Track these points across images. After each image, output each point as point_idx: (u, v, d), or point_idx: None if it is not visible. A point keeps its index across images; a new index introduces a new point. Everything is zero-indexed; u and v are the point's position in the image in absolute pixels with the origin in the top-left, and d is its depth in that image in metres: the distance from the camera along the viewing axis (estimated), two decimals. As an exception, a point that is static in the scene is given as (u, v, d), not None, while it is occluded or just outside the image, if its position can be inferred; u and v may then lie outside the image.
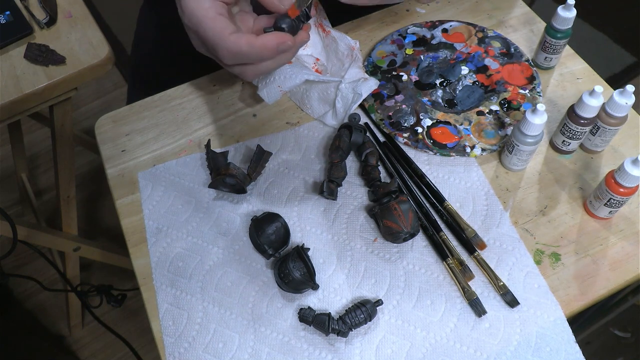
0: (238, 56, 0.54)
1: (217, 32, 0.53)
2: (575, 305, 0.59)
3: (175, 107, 0.73)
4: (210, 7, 0.54)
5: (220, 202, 0.66)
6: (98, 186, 1.69)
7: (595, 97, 0.61)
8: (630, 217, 0.65)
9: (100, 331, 1.40)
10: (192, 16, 0.55)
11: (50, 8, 0.83)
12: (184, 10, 0.56)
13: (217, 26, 0.54)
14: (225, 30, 0.53)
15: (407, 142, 0.69)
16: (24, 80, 0.77)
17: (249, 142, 0.70)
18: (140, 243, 0.63)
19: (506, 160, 0.67)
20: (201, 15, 0.54)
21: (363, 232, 0.63)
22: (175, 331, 0.58)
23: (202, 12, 0.54)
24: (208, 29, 0.54)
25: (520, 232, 0.63)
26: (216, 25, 0.54)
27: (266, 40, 0.53)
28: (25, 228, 1.04)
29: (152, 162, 0.69)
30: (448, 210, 0.64)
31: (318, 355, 0.57)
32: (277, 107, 0.73)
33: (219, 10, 0.55)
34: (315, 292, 0.60)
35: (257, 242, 0.61)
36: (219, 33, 0.53)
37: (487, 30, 0.78)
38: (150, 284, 0.61)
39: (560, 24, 0.70)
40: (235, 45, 0.53)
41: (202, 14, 0.54)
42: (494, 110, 0.71)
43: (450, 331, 0.58)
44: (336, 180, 0.64)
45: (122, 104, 0.75)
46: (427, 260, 0.61)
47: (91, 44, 0.81)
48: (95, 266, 1.54)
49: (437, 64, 0.76)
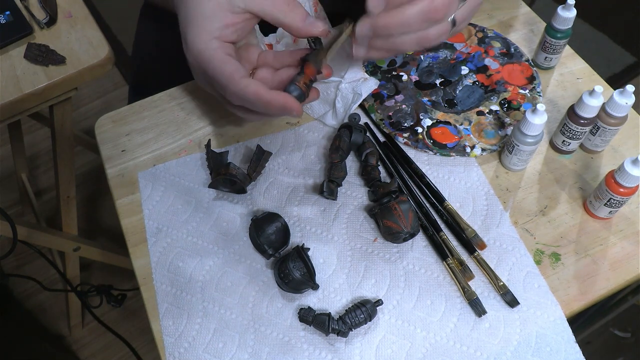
0: (243, 101, 0.54)
1: (226, 75, 0.53)
2: (575, 305, 0.59)
3: (175, 107, 0.73)
4: (218, 48, 0.54)
5: (220, 202, 0.66)
6: (98, 186, 1.69)
7: (595, 97, 0.61)
8: (630, 217, 0.65)
9: (100, 331, 1.40)
10: (199, 57, 0.54)
11: (50, 8, 0.83)
12: (189, 49, 0.55)
13: (227, 69, 0.53)
14: (236, 74, 0.53)
15: (407, 142, 0.69)
16: (24, 80, 0.77)
17: (249, 142, 0.70)
18: (140, 243, 0.63)
19: (506, 160, 0.67)
20: (209, 56, 0.53)
21: (363, 232, 0.63)
22: (175, 331, 0.58)
23: (210, 53, 0.53)
24: (217, 70, 0.53)
25: (520, 232, 0.63)
26: (226, 68, 0.53)
27: (273, 98, 0.52)
28: (25, 228, 1.04)
29: (152, 162, 0.69)
30: (448, 210, 0.64)
31: (318, 355, 0.57)
32: (277, 107, 0.73)
33: (227, 51, 0.54)
34: (315, 292, 0.60)
35: (257, 242, 0.61)
36: (228, 76, 0.53)
37: (487, 30, 0.78)
38: (150, 284, 0.61)
39: (560, 24, 0.70)
40: (242, 92, 0.52)
41: (210, 54, 0.53)
42: (494, 110, 0.71)
43: (450, 331, 0.58)
44: (336, 180, 0.64)
45: (122, 104, 0.75)
46: (427, 260, 0.61)
47: (91, 44, 0.81)
48: (95, 266, 1.54)
49: (437, 64, 0.76)
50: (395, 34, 0.53)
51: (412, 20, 0.51)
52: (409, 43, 0.54)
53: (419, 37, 0.53)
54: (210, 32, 0.54)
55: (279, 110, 0.53)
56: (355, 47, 0.55)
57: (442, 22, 0.53)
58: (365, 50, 0.55)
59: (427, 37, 0.53)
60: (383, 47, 0.55)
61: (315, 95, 0.58)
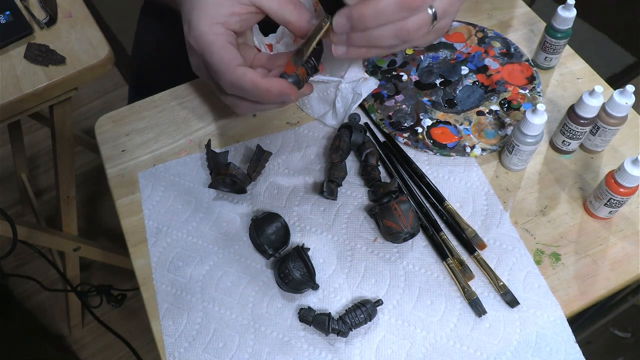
0: (239, 90, 0.53)
1: (224, 61, 0.53)
2: (575, 305, 0.59)
3: (175, 107, 0.73)
4: (221, 34, 0.54)
5: (220, 202, 0.66)
6: (98, 186, 1.69)
7: (595, 97, 0.61)
8: (630, 217, 0.65)
9: (100, 331, 1.40)
10: (200, 39, 0.54)
11: (50, 8, 0.83)
12: (191, 30, 0.55)
13: (226, 55, 0.53)
14: (234, 61, 0.53)
15: (407, 142, 0.69)
16: (24, 80, 0.77)
17: (249, 142, 0.70)
18: (140, 243, 0.63)
19: (506, 160, 0.67)
20: (210, 41, 0.53)
21: (363, 232, 0.63)
22: (175, 331, 0.58)
23: (211, 37, 0.53)
24: (215, 56, 0.53)
25: (520, 232, 0.63)
26: (225, 54, 0.53)
27: (271, 85, 0.52)
28: (25, 228, 1.04)
29: (152, 162, 0.69)
30: (448, 210, 0.64)
31: (318, 355, 0.57)
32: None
33: (229, 39, 0.54)
34: (315, 292, 0.60)
35: (257, 242, 0.61)
36: (227, 63, 0.53)
37: (487, 30, 0.78)
38: (150, 284, 0.61)
39: (560, 24, 0.70)
40: (239, 79, 0.52)
41: (211, 39, 0.53)
42: (494, 110, 0.71)
43: (450, 331, 0.58)
44: (336, 180, 0.64)
45: (122, 104, 0.75)
46: (427, 260, 0.61)
47: (91, 44, 0.81)
48: (95, 266, 1.54)
49: (437, 64, 0.76)
50: (372, 25, 0.50)
51: (387, 8, 0.49)
52: (387, 36, 0.51)
53: (397, 28, 0.50)
54: (216, 17, 0.54)
55: (275, 98, 0.53)
56: (334, 46, 0.54)
57: (420, 11, 0.50)
58: (344, 47, 0.53)
59: (406, 29, 0.50)
60: (361, 42, 0.52)
61: (309, 90, 0.58)
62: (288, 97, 0.53)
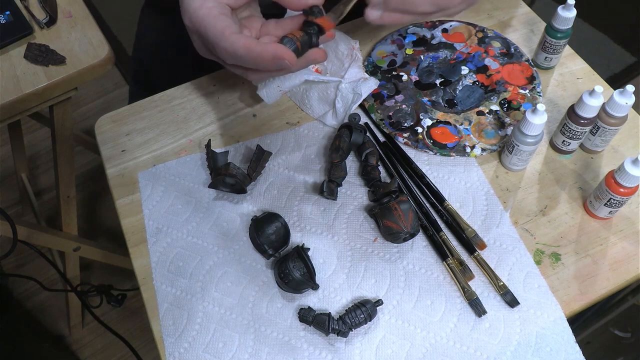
0: (235, 58, 0.53)
1: (217, 31, 0.52)
2: (575, 305, 0.59)
3: (175, 107, 0.73)
4: (214, 7, 0.53)
5: (220, 202, 0.66)
6: (98, 186, 1.69)
7: (595, 97, 0.61)
8: (630, 217, 0.65)
9: (100, 331, 1.40)
10: (195, 15, 0.54)
11: (50, 8, 0.83)
12: (186, 9, 0.55)
13: (219, 25, 0.52)
14: (227, 30, 0.52)
15: (407, 142, 0.69)
16: (24, 80, 0.77)
17: (249, 142, 0.70)
18: (140, 243, 0.63)
19: (506, 160, 0.67)
20: (203, 14, 0.53)
21: (363, 232, 0.63)
22: (175, 331, 0.58)
23: (205, 11, 0.53)
24: (209, 27, 0.53)
25: (520, 232, 0.63)
26: (218, 23, 0.52)
27: (264, 49, 0.51)
28: (25, 228, 1.04)
29: (152, 162, 0.69)
30: (448, 210, 0.64)
31: (318, 355, 0.57)
32: (277, 107, 0.73)
33: (223, 11, 0.54)
34: (315, 292, 0.60)
35: (257, 242, 0.61)
36: (220, 32, 0.52)
37: (487, 30, 0.78)
38: (150, 284, 0.61)
39: (560, 24, 0.70)
40: (232, 46, 0.51)
41: (204, 12, 0.53)
42: (494, 110, 0.71)
43: (450, 331, 0.58)
44: (336, 180, 0.64)
45: (122, 104, 0.75)
46: (427, 260, 0.61)
47: (91, 44, 0.81)
48: (95, 266, 1.54)
49: (437, 64, 0.76)
50: None
51: None
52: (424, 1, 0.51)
53: None
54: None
55: (270, 62, 0.51)
56: (369, 9, 0.52)
57: None
58: (379, 12, 0.52)
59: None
60: (397, 5, 0.52)
61: (321, 55, 0.54)
62: (283, 61, 0.50)
